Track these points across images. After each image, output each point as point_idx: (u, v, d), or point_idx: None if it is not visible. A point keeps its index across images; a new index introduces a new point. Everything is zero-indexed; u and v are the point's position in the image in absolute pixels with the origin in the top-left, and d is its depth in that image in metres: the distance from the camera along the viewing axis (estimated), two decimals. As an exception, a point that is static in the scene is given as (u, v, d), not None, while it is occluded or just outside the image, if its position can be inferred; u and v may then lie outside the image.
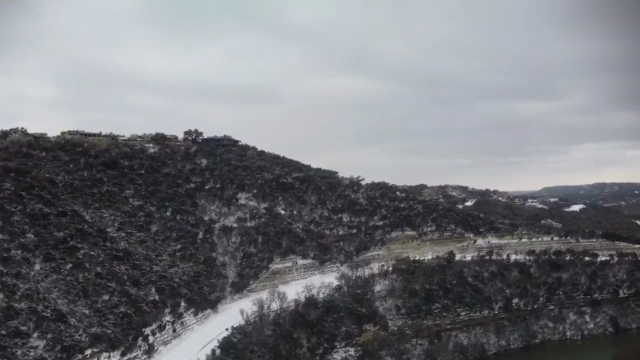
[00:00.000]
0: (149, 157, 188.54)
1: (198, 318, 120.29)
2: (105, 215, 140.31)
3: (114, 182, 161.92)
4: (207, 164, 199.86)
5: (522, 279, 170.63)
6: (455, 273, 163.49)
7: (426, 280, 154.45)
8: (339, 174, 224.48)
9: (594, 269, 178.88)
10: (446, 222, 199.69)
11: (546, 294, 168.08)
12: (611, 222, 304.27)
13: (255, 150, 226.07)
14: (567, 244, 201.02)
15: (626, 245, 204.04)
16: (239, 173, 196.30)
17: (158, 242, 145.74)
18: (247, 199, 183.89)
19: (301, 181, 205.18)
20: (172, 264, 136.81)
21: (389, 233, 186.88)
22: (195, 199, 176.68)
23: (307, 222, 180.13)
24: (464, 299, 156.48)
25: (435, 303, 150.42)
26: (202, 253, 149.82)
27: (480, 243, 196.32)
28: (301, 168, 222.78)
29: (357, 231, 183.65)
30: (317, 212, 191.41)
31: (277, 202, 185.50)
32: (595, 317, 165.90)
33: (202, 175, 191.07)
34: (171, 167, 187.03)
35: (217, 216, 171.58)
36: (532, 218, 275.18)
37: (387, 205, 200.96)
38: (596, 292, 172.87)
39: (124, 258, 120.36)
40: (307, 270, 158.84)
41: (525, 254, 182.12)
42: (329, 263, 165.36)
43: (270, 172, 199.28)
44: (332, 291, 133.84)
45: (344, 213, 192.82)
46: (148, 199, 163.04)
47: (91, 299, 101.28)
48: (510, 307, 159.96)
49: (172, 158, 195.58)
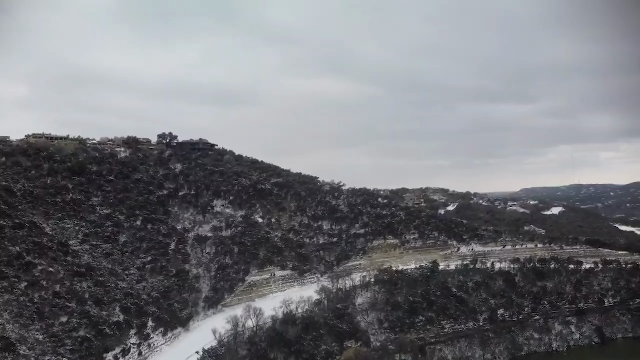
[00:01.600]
0: (119, 162, 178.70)
1: (167, 338, 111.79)
2: (68, 226, 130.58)
3: (80, 189, 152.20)
4: (182, 169, 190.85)
5: (507, 288, 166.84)
6: (439, 283, 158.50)
7: (409, 291, 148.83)
8: (320, 179, 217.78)
9: (579, 277, 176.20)
10: (429, 230, 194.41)
11: (531, 304, 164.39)
12: (592, 227, 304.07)
13: (232, 155, 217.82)
14: (551, 251, 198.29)
15: (609, 251, 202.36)
16: (214, 179, 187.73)
17: (126, 254, 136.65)
18: (223, 206, 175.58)
19: (280, 187, 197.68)
20: (140, 278, 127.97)
21: (370, 241, 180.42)
22: (168, 206, 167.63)
23: (285, 231, 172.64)
24: (448, 310, 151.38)
25: (418, 316, 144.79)
26: (174, 265, 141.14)
27: (463, 251, 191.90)
28: (280, 173, 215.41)
29: (338, 239, 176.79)
30: (297, 219, 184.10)
31: (254, 210, 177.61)
32: (581, 327, 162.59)
33: (176, 181, 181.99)
34: (143, 173, 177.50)
35: (191, 225, 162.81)
36: (515, 223, 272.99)
37: (369, 212, 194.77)
38: (581, 301, 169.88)
39: (87, 274, 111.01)
40: (286, 282, 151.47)
41: (510, 262, 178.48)
42: (309, 274, 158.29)
43: (248, 178, 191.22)
44: (311, 306, 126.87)
45: (324, 220, 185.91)
46: (117, 207, 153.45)
47: (46, 322, 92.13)
48: (495, 318, 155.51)
49: (144, 163, 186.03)
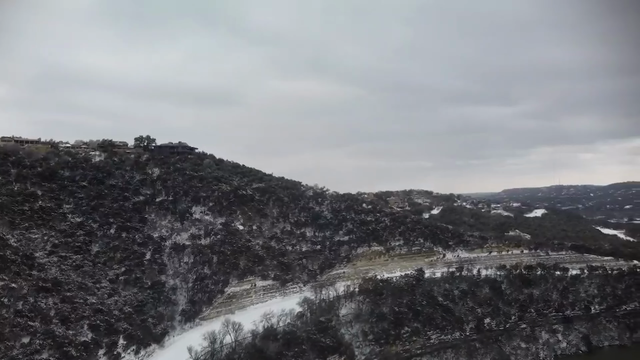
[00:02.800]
0: (93, 166, 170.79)
1: (140, 356, 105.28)
2: (35, 236, 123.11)
3: (51, 197, 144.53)
4: (160, 174, 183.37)
5: (494, 296, 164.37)
6: (425, 292, 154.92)
7: (395, 301, 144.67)
8: (303, 184, 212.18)
9: (565, 284, 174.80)
10: (414, 236, 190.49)
11: (518, 312, 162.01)
12: (575, 230, 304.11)
13: (212, 159, 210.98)
14: (537, 257, 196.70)
15: (595, 257, 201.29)
16: (194, 184, 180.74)
17: (98, 265, 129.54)
18: (203, 213, 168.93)
19: (262, 192, 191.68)
20: (112, 291, 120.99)
21: (355, 249, 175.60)
22: (145, 213, 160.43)
23: (267, 238, 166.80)
24: (435, 320, 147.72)
25: (404, 327, 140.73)
26: (150, 276, 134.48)
27: (449, 257, 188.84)
28: (262, 178, 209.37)
29: (322, 247, 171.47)
30: (279, 226, 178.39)
31: (235, 217, 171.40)
32: (568, 336, 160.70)
33: (153, 187, 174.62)
34: (118, 178, 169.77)
35: (168, 233, 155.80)
36: (500, 228, 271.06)
37: (353, 219, 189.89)
38: (568, 308, 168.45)
39: (53, 289, 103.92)
40: (267, 293, 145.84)
41: (496, 269, 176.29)
42: (291, 283, 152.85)
43: (229, 183, 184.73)
44: (293, 319, 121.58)
45: (307, 227, 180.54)
46: (90, 214, 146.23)
47: (6, 344, 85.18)
48: (482, 328, 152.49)
49: (120, 167, 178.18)
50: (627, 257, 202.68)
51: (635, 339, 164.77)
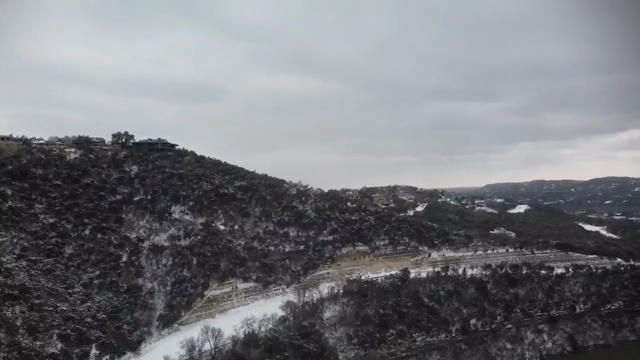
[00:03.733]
0: (68, 164, 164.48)
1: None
2: (3, 239, 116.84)
3: (22, 196, 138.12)
4: (138, 172, 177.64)
5: (479, 296, 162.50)
6: (410, 293, 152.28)
7: (380, 303, 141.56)
8: (286, 182, 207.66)
9: (551, 283, 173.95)
10: (399, 235, 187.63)
11: (504, 312, 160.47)
12: (558, 227, 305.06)
13: (193, 156, 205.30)
14: (522, 255, 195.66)
15: (579, 255, 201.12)
16: (173, 182, 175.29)
17: (71, 268, 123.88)
18: (182, 213, 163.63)
19: (244, 191, 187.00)
20: (85, 297, 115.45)
21: (339, 249, 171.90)
22: (122, 213, 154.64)
23: (249, 239, 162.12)
24: (420, 322, 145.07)
25: (389, 329, 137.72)
26: (126, 280, 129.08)
27: (434, 257, 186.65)
28: (244, 175, 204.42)
29: (305, 247, 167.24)
30: (262, 225, 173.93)
31: (216, 216, 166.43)
32: (553, 336, 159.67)
33: (131, 185, 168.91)
34: (94, 176, 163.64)
35: (146, 233, 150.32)
36: (484, 225, 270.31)
37: (337, 218, 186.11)
38: (553, 308, 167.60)
39: (20, 296, 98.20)
40: (249, 295, 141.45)
41: (482, 268, 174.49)
42: (274, 285, 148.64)
43: (210, 182, 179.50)
44: (275, 324, 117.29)
45: (290, 227, 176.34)
46: (63, 215, 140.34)
47: (-33, 358, 80.00)
48: (468, 329, 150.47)
49: (96, 165, 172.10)
50: (610, 255, 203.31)
51: (620, 339, 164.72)
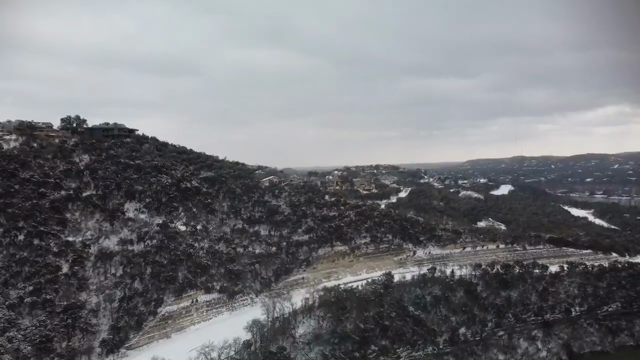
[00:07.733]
0: (4, 155, 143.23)
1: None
2: None
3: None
4: (89, 163, 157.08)
5: (469, 300, 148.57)
6: (394, 301, 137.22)
7: (360, 316, 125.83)
8: (258, 172, 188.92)
9: (545, 284, 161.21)
10: (382, 232, 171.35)
11: (495, 318, 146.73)
12: (546, 213, 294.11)
13: (154, 142, 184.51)
14: (513, 252, 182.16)
15: (573, 251, 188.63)
16: (129, 175, 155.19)
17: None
18: (137, 211, 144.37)
19: (211, 183, 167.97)
20: (9, 322, 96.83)
21: (315, 250, 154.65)
22: (66, 212, 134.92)
23: (214, 240, 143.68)
24: (405, 335, 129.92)
25: (371, 345, 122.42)
26: (65, 295, 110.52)
27: (420, 255, 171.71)
28: (212, 164, 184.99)
29: (277, 249, 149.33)
30: (229, 223, 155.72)
31: (176, 215, 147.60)
32: (548, 343, 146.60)
33: (80, 179, 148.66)
34: (35, 169, 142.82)
35: (94, 236, 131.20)
36: (471, 213, 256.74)
37: (314, 214, 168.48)
38: (547, 311, 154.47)
39: None
40: (212, 309, 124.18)
41: (471, 267, 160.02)
42: (241, 295, 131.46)
43: (170, 174, 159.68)
44: (239, 350, 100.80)
45: (262, 225, 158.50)
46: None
47: None
48: (457, 340, 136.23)
49: (39, 155, 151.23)
50: (605, 249, 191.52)
51: (617, 344, 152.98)
